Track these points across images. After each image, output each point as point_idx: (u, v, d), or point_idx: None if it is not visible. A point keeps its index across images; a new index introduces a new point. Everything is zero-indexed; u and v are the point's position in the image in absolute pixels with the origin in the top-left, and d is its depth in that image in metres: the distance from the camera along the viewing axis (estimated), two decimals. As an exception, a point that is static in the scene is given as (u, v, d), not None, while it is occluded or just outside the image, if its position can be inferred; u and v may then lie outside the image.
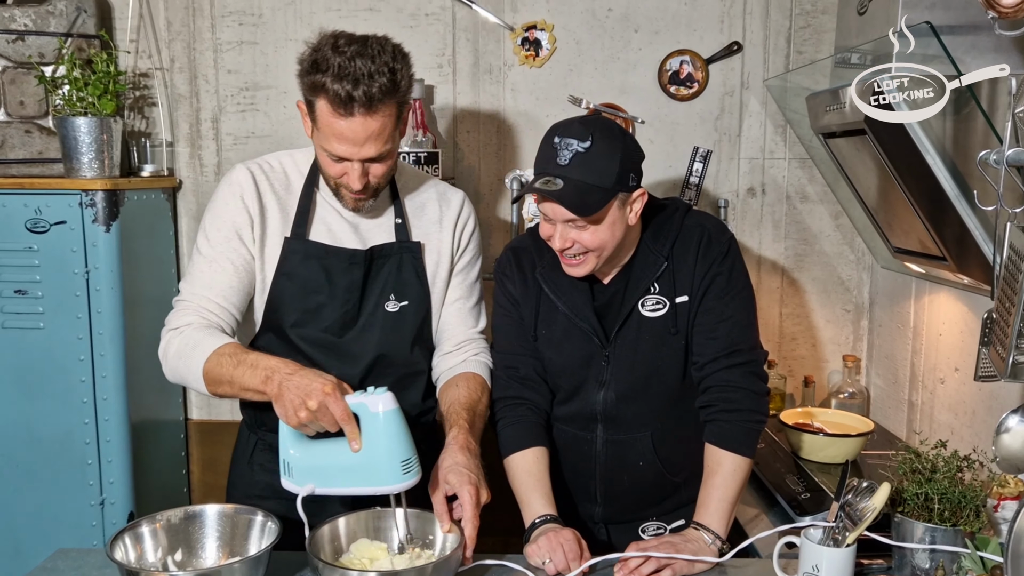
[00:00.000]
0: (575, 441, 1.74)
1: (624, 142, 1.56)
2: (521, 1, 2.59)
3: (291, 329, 1.68)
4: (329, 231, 1.70)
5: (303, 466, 1.47)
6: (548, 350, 1.73)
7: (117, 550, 1.40)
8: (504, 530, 1.64)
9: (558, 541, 1.52)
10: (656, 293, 1.66)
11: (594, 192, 1.51)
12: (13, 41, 2.44)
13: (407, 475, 1.42)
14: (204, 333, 1.58)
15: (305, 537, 1.45)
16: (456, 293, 1.80)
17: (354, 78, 1.48)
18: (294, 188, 1.71)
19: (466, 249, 1.82)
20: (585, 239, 1.57)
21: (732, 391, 1.62)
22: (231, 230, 1.65)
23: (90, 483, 2.42)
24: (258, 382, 1.47)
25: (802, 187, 2.66)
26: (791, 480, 2.01)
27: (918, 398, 2.32)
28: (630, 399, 1.69)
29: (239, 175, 1.68)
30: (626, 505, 1.77)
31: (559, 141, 1.54)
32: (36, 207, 2.33)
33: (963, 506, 1.49)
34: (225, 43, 2.65)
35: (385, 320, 1.71)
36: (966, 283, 1.93)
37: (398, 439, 1.41)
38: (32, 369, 2.39)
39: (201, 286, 1.64)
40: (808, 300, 2.71)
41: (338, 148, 1.55)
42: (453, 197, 1.83)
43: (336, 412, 1.39)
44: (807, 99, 2.25)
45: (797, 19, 2.57)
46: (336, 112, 1.51)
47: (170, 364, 1.61)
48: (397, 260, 1.72)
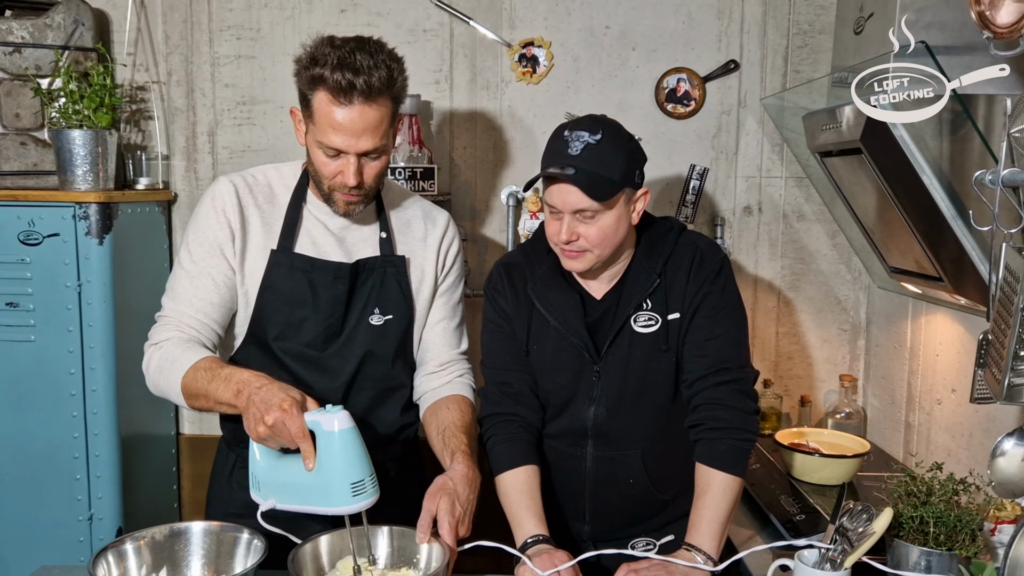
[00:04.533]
0: (565, 458, 1.73)
1: (630, 140, 1.62)
2: (519, 18, 2.59)
3: (274, 342, 1.68)
4: (314, 244, 1.69)
5: (268, 480, 1.48)
6: (539, 365, 1.72)
7: (100, 568, 1.37)
8: (496, 550, 1.62)
9: (552, 563, 1.51)
10: (648, 309, 1.66)
11: (605, 182, 1.55)
12: (10, 53, 2.43)
13: (357, 497, 1.40)
14: (183, 348, 1.59)
15: (288, 554, 1.43)
16: (439, 314, 1.81)
17: (354, 68, 1.51)
18: (279, 201, 1.71)
19: (450, 270, 1.83)
20: (591, 233, 1.58)
21: (721, 409, 1.62)
22: (213, 245, 1.66)
23: (78, 498, 2.39)
24: (230, 395, 1.48)
25: (799, 206, 2.65)
26: (785, 501, 1.99)
27: (915, 419, 2.31)
28: (620, 415, 1.69)
29: (221, 188, 1.69)
30: (615, 523, 1.75)
31: (569, 134, 1.57)
32: (29, 219, 2.32)
33: (959, 530, 1.47)
34: (223, 57, 2.65)
35: (368, 334, 1.71)
36: (963, 304, 1.92)
37: (351, 459, 1.40)
38: (22, 382, 2.37)
39: (182, 302, 1.65)
40: (804, 319, 2.70)
41: (335, 140, 1.55)
42: (439, 217, 1.84)
43: (292, 429, 1.38)
44: (804, 118, 2.24)
45: (794, 38, 2.58)
46: (336, 100, 1.52)
47: (151, 378, 1.64)
48: (381, 274, 1.72)
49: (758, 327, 2.68)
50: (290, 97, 2.63)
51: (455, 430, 1.66)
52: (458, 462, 1.59)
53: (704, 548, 1.55)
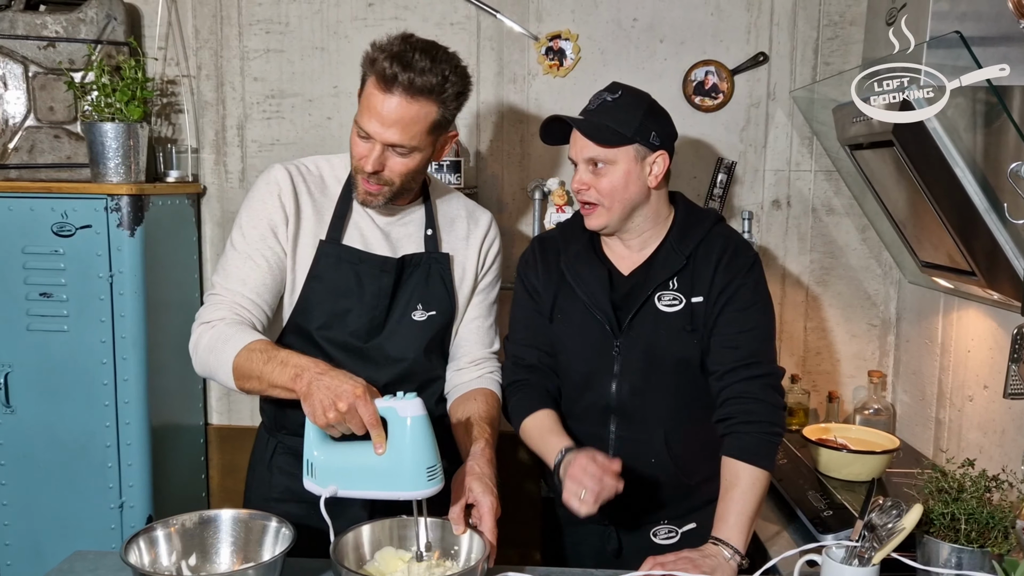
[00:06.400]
0: (588, 439, 1.73)
1: (651, 104, 1.70)
2: (546, 11, 2.58)
3: (317, 331, 1.69)
4: (362, 237, 1.71)
5: (327, 467, 1.45)
6: (563, 338, 1.77)
7: (132, 554, 1.40)
8: (522, 543, 1.63)
9: (580, 474, 1.51)
10: (674, 290, 1.69)
11: (611, 132, 1.65)
12: (44, 47, 2.47)
13: (431, 482, 1.41)
14: (235, 328, 1.58)
15: (324, 542, 1.44)
16: (475, 311, 1.82)
17: (406, 63, 1.53)
18: (330, 192, 1.73)
19: (489, 269, 1.84)
20: (601, 185, 1.66)
21: (751, 403, 1.62)
22: (267, 227, 1.66)
23: (110, 486, 2.43)
24: (287, 379, 1.46)
25: (828, 200, 2.63)
26: (813, 497, 1.97)
27: (945, 416, 2.28)
28: (643, 392, 1.71)
29: (277, 174, 1.70)
30: (638, 506, 1.76)
31: (593, 96, 1.71)
32: (63, 211, 2.35)
33: (991, 527, 1.45)
34: (252, 51, 2.67)
35: (411, 329, 1.72)
36: (996, 299, 1.89)
37: (424, 445, 1.40)
38: (55, 371, 2.41)
39: (235, 281, 1.65)
40: (833, 314, 2.67)
41: (367, 123, 1.57)
42: (482, 217, 1.85)
43: (365, 416, 1.38)
44: (834, 110, 2.22)
45: (824, 30, 2.55)
46: (379, 85, 1.55)
47: (200, 357, 1.61)
48: (426, 270, 1.73)
49: (786, 322, 2.65)
50: (318, 91, 2.67)
51: (479, 420, 1.68)
52: (479, 447, 1.61)
53: (731, 542, 1.54)
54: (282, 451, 1.78)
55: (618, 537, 1.78)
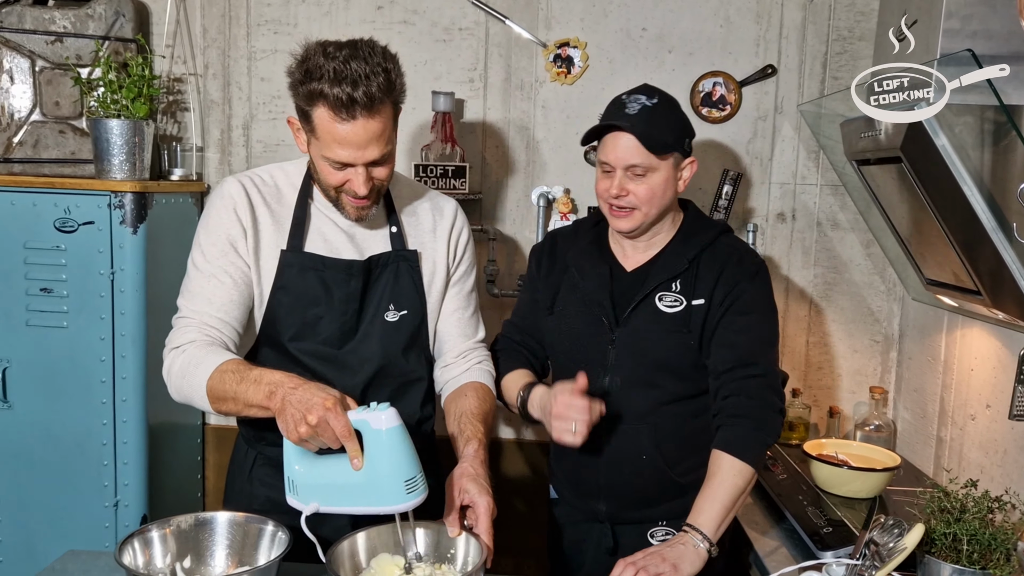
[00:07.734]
0: None
1: (682, 112, 1.75)
2: (555, 18, 2.58)
3: (289, 342, 1.66)
4: (325, 242, 1.68)
5: (307, 483, 1.43)
6: (562, 327, 1.81)
7: (126, 554, 1.39)
8: (518, 551, 1.61)
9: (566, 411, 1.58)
10: (676, 292, 1.73)
11: (662, 140, 1.68)
12: (52, 42, 2.47)
13: (411, 494, 1.38)
14: (207, 351, 1.55)
15: (312, 550, 1.42)
16: (454, 304, 1.80)
17: (352, 80, 1.47)
18: (287, 200, 1.70)
19: (462, 259, 1.82)
20: (640, 191, 1.69)
21: (744, 399, 1.64)
22: (226, 242, 1.63)
23: (105, 484, 2.42)
24: (262, 397, 1.43)
25: (833, 214, 2.62)
26: (813, 513, 1.96)
27: (947, 434, 2.26)
28: (634, 387, 1.73)
29: (230, 187, 1.66)
30: (631, 503, 1.77)
31: (627, 97, 1.71)
32: (66, 207, 2.35)
33: (993, 548, 1.44)
34: (259, 51, 2.67)
35: (384, 330, 1.70)
36: (1001, 318, 1.88)
37: (401, 457, 1.37)
38: (53, 368, 2.40)
39: (201, 301, 1.61)
40: (836, 329, 2.66)
41: (341, 154, 1.53)
42: (446, 206, 1.82)
43: (336, 428, 1.35)
44: (841, 125, 2.21)
45: (834, 44, 2.54)
46: (338, 117, 1.49)
47: (174, 383, 1.58)
48: (394, 269, 1.71)
49: (788, 335, 2.64)
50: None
51: (471, 418, 1.66)
52: (472, 448, 1.59)
53: (703, 529, 1.54)
54: (262, 462, 1.74)
55: (615, 537, 1.78)
